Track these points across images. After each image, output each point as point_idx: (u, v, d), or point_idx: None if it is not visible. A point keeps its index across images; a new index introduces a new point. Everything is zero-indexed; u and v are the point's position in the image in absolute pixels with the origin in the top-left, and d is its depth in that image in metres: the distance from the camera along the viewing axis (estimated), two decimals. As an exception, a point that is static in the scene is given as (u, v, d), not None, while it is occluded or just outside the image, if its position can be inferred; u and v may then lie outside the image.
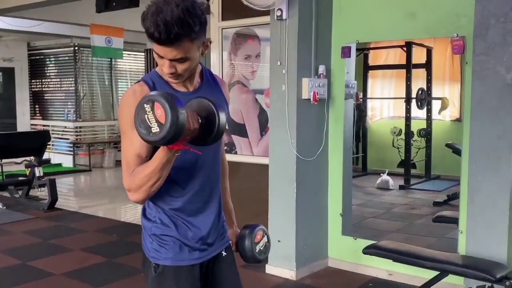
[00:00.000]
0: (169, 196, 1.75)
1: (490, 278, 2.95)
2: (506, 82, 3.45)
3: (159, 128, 1.45)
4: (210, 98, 1.64)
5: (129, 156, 1.68)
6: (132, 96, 1.68)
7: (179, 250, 1.76)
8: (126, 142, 1.70)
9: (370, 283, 4.05)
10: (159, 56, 1.63)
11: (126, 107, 1.68)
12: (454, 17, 3.77)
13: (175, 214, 1.76)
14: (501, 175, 3.48)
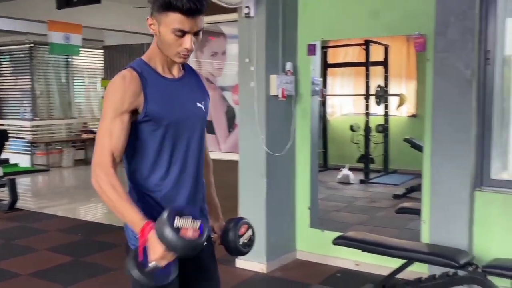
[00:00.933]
0: (153, 185, 1.78)
1: (455, 264, 3.10)
2: (465, 78, 3.63)
3: (191, 236, 1.58)
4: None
5: (105, 144, 1.70)
6: (122, 81, 1.71)
7: None
8: (104, 127, 1.71)
9: (338, 273, 4.17)
10: (183, 33, 1.68)
11: (115, 91, 1.71)
12: (415, 15, 3.92)
13: (159, 203, 1.78)
14: (462, 167, 3.66)
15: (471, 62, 3.60)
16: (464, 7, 3.60)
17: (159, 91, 1.75)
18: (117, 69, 9.83)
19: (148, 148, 1.77)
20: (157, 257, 1.59)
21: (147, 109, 1.72)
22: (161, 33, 1.71)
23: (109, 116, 1.70)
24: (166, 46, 1.72)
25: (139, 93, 1.71)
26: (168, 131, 1.76)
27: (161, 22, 1.69)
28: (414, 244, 3.57)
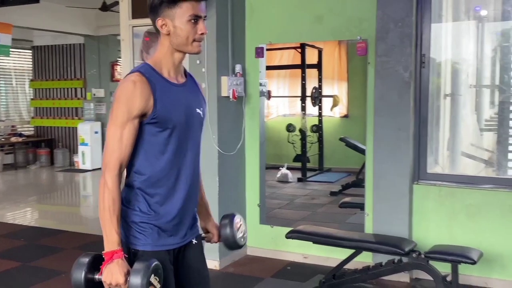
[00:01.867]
0: (151, 185, 1.85)
1: (400, 251, 3.37)
2: (404, 80, 3.93)
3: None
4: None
5: (116, 152, 1.77)
6: (133, 86, 1.76)
7: (158, 236, 1.86)
8: (115, 130, 1.77)
9: (288, 266, 4.36)
10: (197, 18, 1.81)
11: (126, 96, 1.76)
12: (357, 21, 4.18)
13: (155, 202, 1.86)
14: (402, 162, 3.96)
15: (409, 66, 3.92)
16: (403, 14, 3.90)
17: (166, 95, 1.82)
18: (46, 70, 9.69)
19: (151, 148, 1.84)
20: (110, 282, 1.71)
21: (156, 112, 1.79)
22: (177, 27, 1.80)
23: (120, 120, 1.76)
24: (183, 38, 1.81)
25: (149, 97, 1.77)
26: (172, 133, 1.83)
27: (175, 16, 1.79)
28: (362, 235, 3.83)
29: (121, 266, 1.72)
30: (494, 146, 4.51)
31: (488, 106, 4.83)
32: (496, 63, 4.54)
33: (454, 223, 3.94)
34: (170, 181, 1.87)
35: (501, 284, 3.79)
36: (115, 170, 1.77)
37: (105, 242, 1.76)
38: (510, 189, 3.80)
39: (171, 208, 1.88)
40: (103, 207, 1.76)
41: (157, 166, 1.84)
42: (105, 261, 1.74)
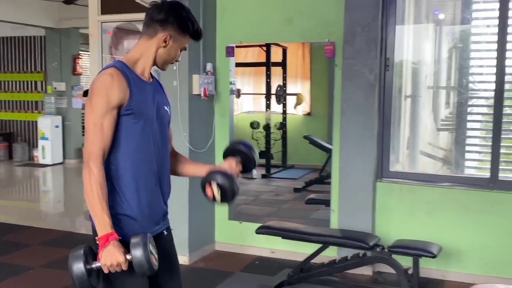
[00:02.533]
0: (123, 177, 1.93)
1: (365, 246, 3.55)
2: (369, 82, 4.11)
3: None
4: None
5: (97, 140, 1.86)
6: (111, 78, 1.88)
7: (132, 227, 1.94)
8: (95, 120, 1.86)
9: (257, 261, 4.48)
10: (184, 49, 2.06)
11: (104, 87, 1.87)
12: (325, 25, 4.33)
13: (131, 194, 1.94)
14: (366, 161, 4.14)
15: (374, 68, 4.09)
16: (369, 19, 4.07)
17: (139, 89, 1.94)
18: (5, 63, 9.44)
19: (129, 138, 1.93)
20: (111, 263, 1.79)
21: (131, 103, 1.90)
22: (171, 48, 2.00)
23: (100, 111, 1.85)
24: (169, 58, 2.03)
25: (126, 89, 1.89)
26: (145, 125, 1.94)
27: (176, 40, 2.00)
28: (329, 230, 3.99)
29: (118, 247, 1.81)
30: (450, 146, 4.75)
31: (444, 106, 5.07)
32: (452, 65, 4.78)
33: (414, 219, 4.15)
34: (142, 172, 1.96)
35: (458, 276, 4.02)
36: (99, 158, 1.86)
37: (97, 227, 1.84)
38: (466, 187, 4.04)
39: (143, 199, 1.97)
40: (92, 194, 1.83)
41: (131, 158, 1.94)
42: (101, 246, 1.81)
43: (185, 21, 2.00)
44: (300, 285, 3.85)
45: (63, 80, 9.89)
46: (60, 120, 9.80)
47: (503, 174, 3.98)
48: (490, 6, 4.05)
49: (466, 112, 4.34)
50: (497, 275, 3.93)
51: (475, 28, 4.28)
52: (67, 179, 9.43)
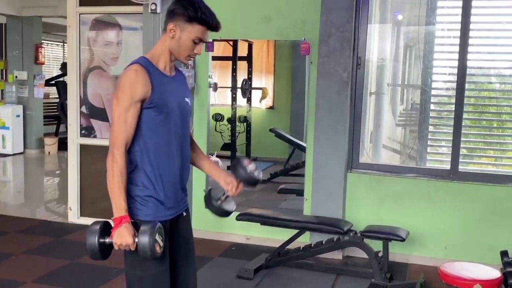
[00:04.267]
0: (150, 164, 2.10)
1: (340, 231, 3.84)
2: (342, 80, 4.39)
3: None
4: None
5: (122, 131, 2.04)
6: (136, 74, 2.04)
7: (157, 208, 2.14)
8: (120, 112, 2.03)
9: (233, 247, 4.71)
10: (200, 41, 2.10)
11: (130, 83, 2.04)
12: (301, 24, 4.58)
13: (155, 178, 2.12)
14: (339, 152, 4.43)
15: (347, 67, 4.38)
16: (343, 21, 4.35)
17: (161, 84, 2.11)
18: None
19: (150, 131, 2.10)
20: (120, 243, 1.99)
21: (153, 98, 2.07)
22: (181, 39, 2.08)
23: (125, 104, 2.03)
24: (181, 49, 2.10)
25: (148, 84, 2.05)
26: (167, 117, 2.11)
27: (185, 30, 2.07)
28: (305, 217, 4.26)
29: (129, 229, 2.01)
30: (414, 140, 5.11)
31: (407, 103, 5.43)
32: (416, 64, 5.13)
33: (381, 207, 4.48)
34: (165, 160, 2.15)
35: (421, 259, 4.39)
36: (122, 147, 2.04)
37: (114, 209, 2.03)
38: (429, 178, 4.40)
39: (168, 184, 2.16)
40: (113, 180, 2.02)
41: (155, 147, 2.11)
42: (115, 226, 2.01)
43: (190, 9, 2.04)
44: (278, 268, 4.11)
45: (24, 69, 9.73)
46: (21, 109, 9.64)
47: (462, 166, 4.36)
48: (453, 12, 4.39)
49: (429, 108, 4.69)
50: (455, 258, 4.29)
51: (438, 30, 4.62)
52: (28, 169, 9.33)
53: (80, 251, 4.35)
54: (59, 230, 5.09)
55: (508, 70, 4.38)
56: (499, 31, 4.30)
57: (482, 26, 4.33)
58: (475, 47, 4.28)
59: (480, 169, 4.50)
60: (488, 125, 4.56)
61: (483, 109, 4.54)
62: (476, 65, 4.39)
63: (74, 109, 5.26)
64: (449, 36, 4.48)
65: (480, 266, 2.87)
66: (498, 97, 4.49)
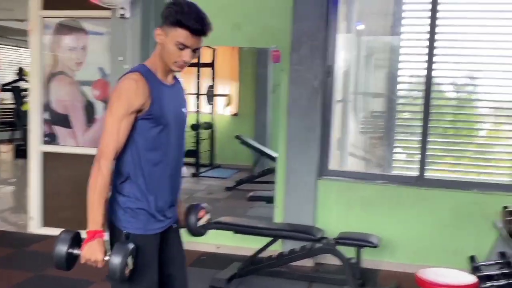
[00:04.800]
0: (143, 176, 2.05)
1: (314, 238, 3.84)
2: (313, 87, 4.43)
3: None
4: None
5: (113, 141, 1.97)
6: (135, 84, 1.97)
7: (148, 221, 2.09)
8: (113, 122, 1.96)
9: (203, 256, 4.64)
10: (184, 47, 1.97)
11: (127, 92, 1.97)
12: (272, 31, 4.59)
13: (147, 190, 2.07)
14: (310, 160, 4.46)
15: (318, 75, 4.42)
16: (314, 29, 4.39)
17: (160, 94, 2.04)
18: None
19: (145, 141, 2.04)
20: (89, 258, 1.93)
21: (152, 109, 2.00)
22: (167, 44, 1.98)
23: (119, 114, 1.96)
24: (167, 55, 2.00)
25: (147, 95, 1.99)
26: (163, 129, 2.05)
27: (168, 34, 1.97)
28: (278, 224, 4.25)
29: (101, 245, 1.94)
30: (379, 147, 5.19)
31: (374, 111, 5.52)
32: (378, 72, 5.22)
33: (351, 213, 4.52)
34: (159, 172, 2.09)
35: (390, 265, 4.45)
36: (111, 158, 1.97)
37: (89, 221, 1.96)
38: (397, 184, 4.47)
39: (160, 197, 2.11)
40: (94, 190, 1.95)
41: (149, 158, 2.06)
42: (87, 239, 1.94)
43: (173, 11, 1.95)
44: (251, 277, 4.08)
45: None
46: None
47: (428, 173, 4.46)
48: (419, 22, 4.50)
49: (395, 116, 4.78)
50: (423, 263, 4.36)
51: (404, 40, 4.72)
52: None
53: (44, 263, 4.20)
54: (20, 241, 4.89)
55: (473, 79, 4.51)
56: (464, 41, 4.42)
57: (448, 37, 4.44)
58: (440, 57, 4.39)
59: (447, 175, 4.61)
60: (454, 132, 4.67)
61: (448, 117, 4.66)
62: (442, 74, 4.50)
63: (36, 115, 5.08)
64: (415, 46, 4.56)
65: (456, 271, 2.93)
66: (463, 106, 4.62)
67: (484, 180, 4.50)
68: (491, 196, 4.26)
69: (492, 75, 4.47)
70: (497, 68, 4.45)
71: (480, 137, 4.80)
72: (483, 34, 4.39)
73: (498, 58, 4.41)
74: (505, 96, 4.47)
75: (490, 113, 4.69)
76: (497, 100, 4.57)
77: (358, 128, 5.53)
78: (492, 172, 4.64)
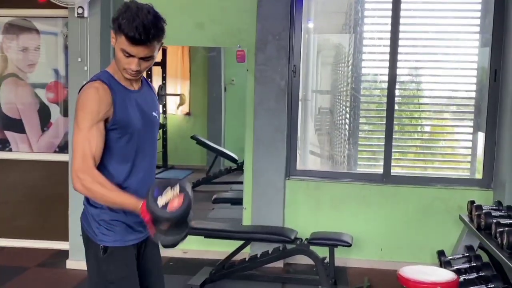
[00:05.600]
0: (121, 187, 1.93)
1: (288, 239, 3.82)
2: (280, 88, 4.40)
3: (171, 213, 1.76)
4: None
5: (86, 149, 1.85)
6: (96, 92, 1.87)
7: (125, 232, 1.99)
8: (82, 136, 1.85)
9: (171, 262, 4.52)
10: (129, 55, 1.86)
11: (90, 102, 1.86)
12: (236, 31, 4.52)
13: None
14: (278, 160, 4.43)
15: (284, 75, 4.40)
16: (280, 28, 4.36)
17: (125, 102, 1.93)
18: None
19: (114, 153, 1.94)
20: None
21: (115, 119, 1.90)
22: (116, 48, 1.90)
23: (86, 125, 1.84)
24: (117, 61, 1.92)
25: (110, 103, 1.89)
26: (132, 137, 1.96)
27: (116, 39, 1.88)
28: (250, 227, 4.20)
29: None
30: (343, 146, 5.23)
31: (338, 109, 5.54)
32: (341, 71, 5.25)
33: (319, 213, 4.53)
34: (133, 181, 1.99)
35: (358, 262, 4.49)
36: (91, 167, 1.84)
37: (132, 210, 1.83)
38: (364, 183, 4.52)
39: None
40: (100, 195, 1.84)
41: (120, 171, 1.96)
42: (147, 220, 1.79)
43: (120, 15, 1.84)
44: (223, 281, 4.01)
45: None
46: None
47: (394, 170, 4.54)
48: (382, 21, 4.56)
49: (358, 115, 4.82)
50: (390, 259, 4.47)
51: (367, 39, 4.77)
52: None
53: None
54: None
55: (434, 77, 4.63)
56: (427, 40, 4.52)
57: (410, 36, 4.54)
58: (404, 55, 4.48)
59: (411, 172, 4.71)
60: (417, 129, 4.78)
61: (412, 115, 4.75)
62: (405, 72, 4.59)
63: (-14, 120, 4.78)
64: (379, 45, 4.62)
65: (435, 268, 2.99)
66: (427, 103, 4.72)
67: (446, 175, 4.63)
68: (454, 191, 4.39)
69: (450, 73, 4.59)
70: (456, 66, 4.58)
71: (441, 133, 4.93)
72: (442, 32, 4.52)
73: (457, 56, 4.56)
74: (462, 93, 4.64)
75: (451, 109, 4.83)
76: (457, 97, 4.72)
77: (322, 127, 5.53)
78: (454, 167, 4.78)
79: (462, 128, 4.77)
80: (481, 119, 4.48)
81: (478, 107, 4.52)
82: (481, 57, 4.48)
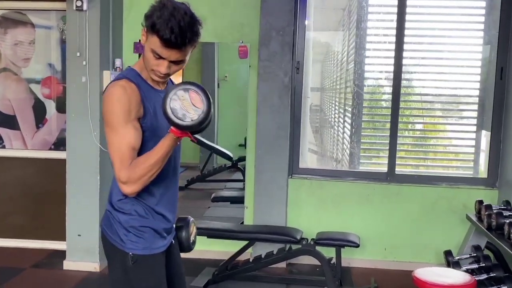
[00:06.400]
0: (144, 190, 1.82)
1: (294, 240, 3.73)
2: (283, 84, 4.30)
3: (196, 113, 1.63)
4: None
5: (123, 150, 1.73)
6: (124, 92, 1.73)
7: (154, 238, 1.89)
8: (117, 137, 1.73)
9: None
10: (160, 57, 1.72)
11: (119, 103, 1.73)
12: (239, 26, 4.42)
13: (150, 206, 1.87)
14: (281, 158, 4.34)
15: (288, 71, 4.30)
16: (284, 24, 4.26)
17: (153, 103, 1.81)
18: None
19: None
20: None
21: (145, 120, 1.78)
22: (145, 47, 1.76)
23: (119, 126, 1.72)
24: (146, 60, 1.79)
25: (140, 103, 1.76)
26: (159, 141, 1.81)
27: (147, 38, 1.74)
28: (255, 227, 4.09)
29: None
30: (347, 144, 5.16)
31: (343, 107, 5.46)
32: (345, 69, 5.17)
33: (322, 211, 4.45)
34: (162, 187, 1.89)
35: (362, 262, 4.43)
36: (127, 166, 1.72)
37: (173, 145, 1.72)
38: (368, 181, 4.45)
39: (163, 212, 1.92)
40: (150, 170, 1.71)
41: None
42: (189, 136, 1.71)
43: (154, 13, 1.70)
44: (226, 282, 3.92)
45: None
46: None
47: (398, 168, 4.47)
48: (387, 17, 4.49)
49: (362, 113, 4.74)
50: (394, 259, 4.41)
51: (371, 36, 4.69)
52: None
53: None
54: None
55: (439, 75, 4.56)
56: (432, 37, 4.45)
57: (416, 32, 4.47)
58: (409, 52, 4.41)
59: (416, 170, 4.65)
60: (422, 128, 4.73)
61: (417, 113, 4.68)
62: (411, 70, 4.52)
63: (-22, 116, 4.63)
64: (384, 42, 4.55)
65: (450, 270, 2.93)
66: (432, 101, 4.66)
67: (451, 175, 4.58)
68: (458, 190, 4.34)
69: (455, 71, 4.53)
70: (460, 63, 4.53)
71: (445, 131, 4.88)
72: (446, 30, 4.46)
73: (461, 53, 4.51)
74: (466, 91, 4.59)
75: (454, 107, 4.77)
76: (460, 95, 4.67)
77: (325, 125, 5.45)
78: (457, 166, 4.73)
79: (465, 126, 4.72)
80: (485, 117, 4.44)
81: (482, 105, 4.47)
82: (485, 54, 4.43)
